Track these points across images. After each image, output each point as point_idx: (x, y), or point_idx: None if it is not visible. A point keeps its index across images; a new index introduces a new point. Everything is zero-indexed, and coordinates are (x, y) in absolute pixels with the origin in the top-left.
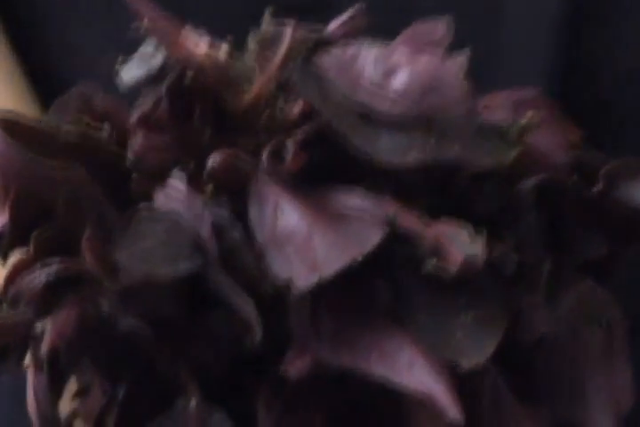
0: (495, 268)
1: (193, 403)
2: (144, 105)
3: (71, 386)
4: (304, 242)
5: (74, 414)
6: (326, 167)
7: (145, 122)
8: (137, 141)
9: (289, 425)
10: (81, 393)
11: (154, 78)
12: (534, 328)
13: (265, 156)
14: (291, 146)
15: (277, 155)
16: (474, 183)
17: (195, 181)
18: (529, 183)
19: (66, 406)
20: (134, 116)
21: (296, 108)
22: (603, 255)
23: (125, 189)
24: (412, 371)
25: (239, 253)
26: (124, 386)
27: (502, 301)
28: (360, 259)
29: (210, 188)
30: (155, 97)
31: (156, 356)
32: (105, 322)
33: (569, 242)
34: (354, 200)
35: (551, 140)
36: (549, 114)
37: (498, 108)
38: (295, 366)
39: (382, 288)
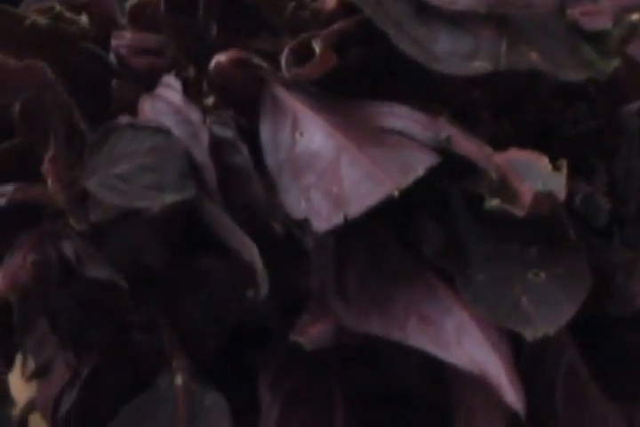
0: (580, 214)
1: (179, 380)
2: None
3: None
4: (328, 170)
5: (30, 406)
6: (364, 77)
7: (136, 16)
8: (123, 41)
9: (299, 413)
10: (40, 373)
11: None
12: (630, 298)
13: (284, 57)
14: (318, 45)
15: (300, 57)
16: (557, 102)
17: (192, 91)
18: (634, 106)
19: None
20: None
21: (329, 1)
22: None
23: (103, 98)
24: (460, 342)
25: (244, 183)
26: (91, 358)
27: (587, 258)
28: (398, 194)
29: (211, 99)
30: None
31: (133, 316)
32: (68, 269)
33: None
34: (397, 118)
35: None
36: None
37: (604, 13)
38: (311, 335)
39: (428, 234)
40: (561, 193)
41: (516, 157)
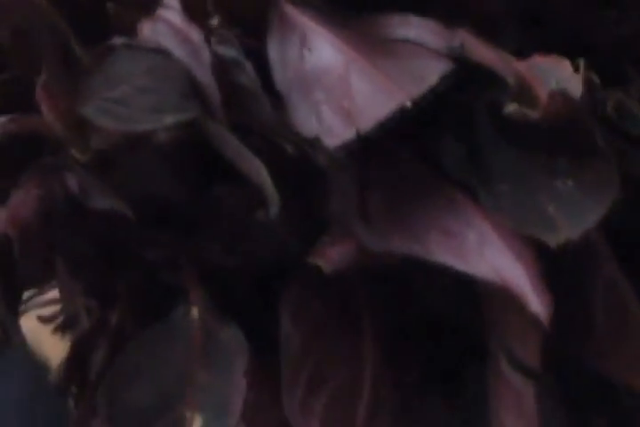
0: (613, 122)
1: (195, 312)
2: None
3: None
4: (338, 84)
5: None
6: None
7: None
8: None
9: (323, 342)
10: (67, 326)
11: None
12: None
13: None
14: None
15: None
16: (587, 10)
17: (196, 15)
18: None
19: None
20: None
21: None
22: None
23: (99, 21)
24: (482, 253)
25: (251, 103)
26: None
27: (619, 166)
28: (410, 104)
29: (216, 20)
30: None
31: (143, 249)
32: (74, 202)
33: None
34: (408, 28)
35: None
36: None
37: None
38: (330, 257)
39: (448, 146)
40: (577, 91)
41: (538, 62)
